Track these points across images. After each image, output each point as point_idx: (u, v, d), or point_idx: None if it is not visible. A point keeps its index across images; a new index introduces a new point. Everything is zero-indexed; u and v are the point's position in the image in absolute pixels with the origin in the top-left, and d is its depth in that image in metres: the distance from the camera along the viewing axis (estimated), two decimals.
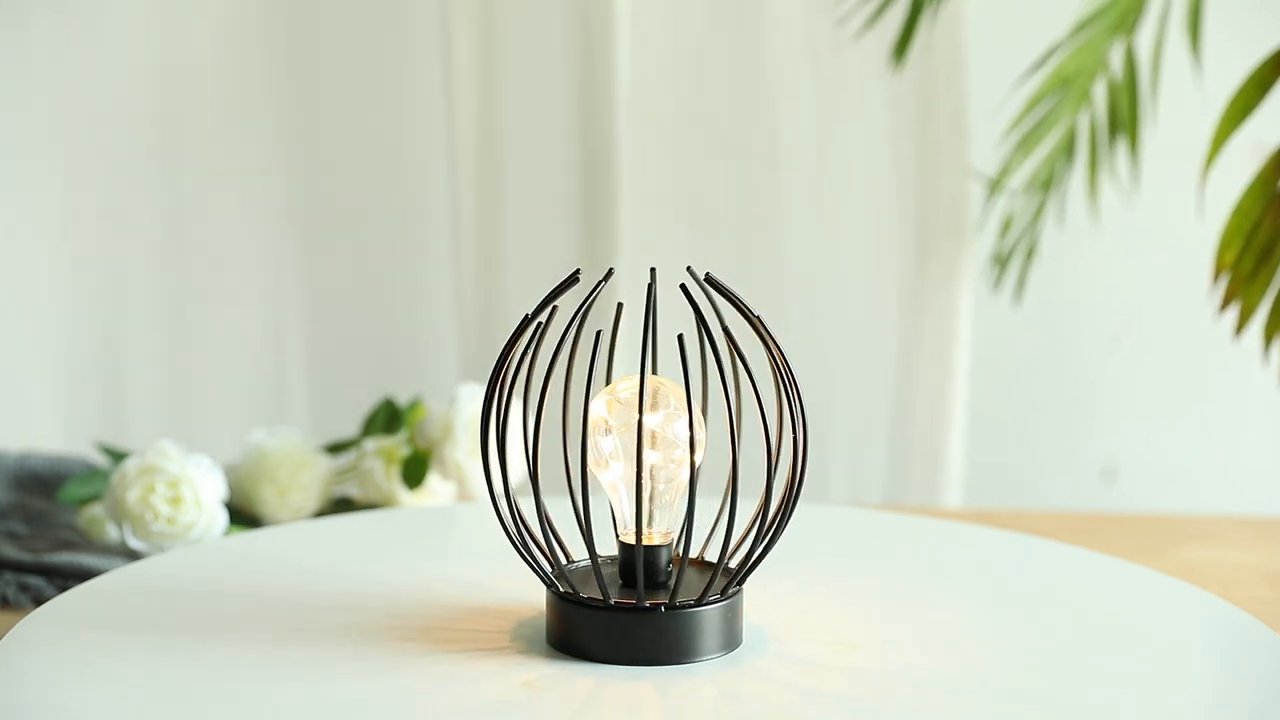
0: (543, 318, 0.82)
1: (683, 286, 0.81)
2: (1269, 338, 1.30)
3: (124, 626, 0.86)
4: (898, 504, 1.85)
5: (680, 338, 0.80)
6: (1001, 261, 1.67)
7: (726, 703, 0.78)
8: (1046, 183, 1.61)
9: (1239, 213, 1.28)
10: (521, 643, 0.84)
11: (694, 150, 1.84)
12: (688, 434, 0.83)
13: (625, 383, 0.84)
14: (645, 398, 0.82)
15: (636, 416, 0.83)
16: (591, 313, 0.81)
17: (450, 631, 0.85)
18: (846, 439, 1.87)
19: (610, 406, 0.85)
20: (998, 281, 1.69)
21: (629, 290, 1.70)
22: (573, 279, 0.81)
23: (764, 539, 0.82)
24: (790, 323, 1.83)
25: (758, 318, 0.81)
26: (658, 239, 1.84)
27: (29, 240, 1.84)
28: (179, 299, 1.89)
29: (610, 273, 0.83)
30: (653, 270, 0.83)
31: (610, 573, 0.86)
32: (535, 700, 0.77)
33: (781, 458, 0.83)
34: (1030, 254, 1.66)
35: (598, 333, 0.81)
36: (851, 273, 1.84)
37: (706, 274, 0.82)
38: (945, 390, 1.82)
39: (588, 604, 0.82)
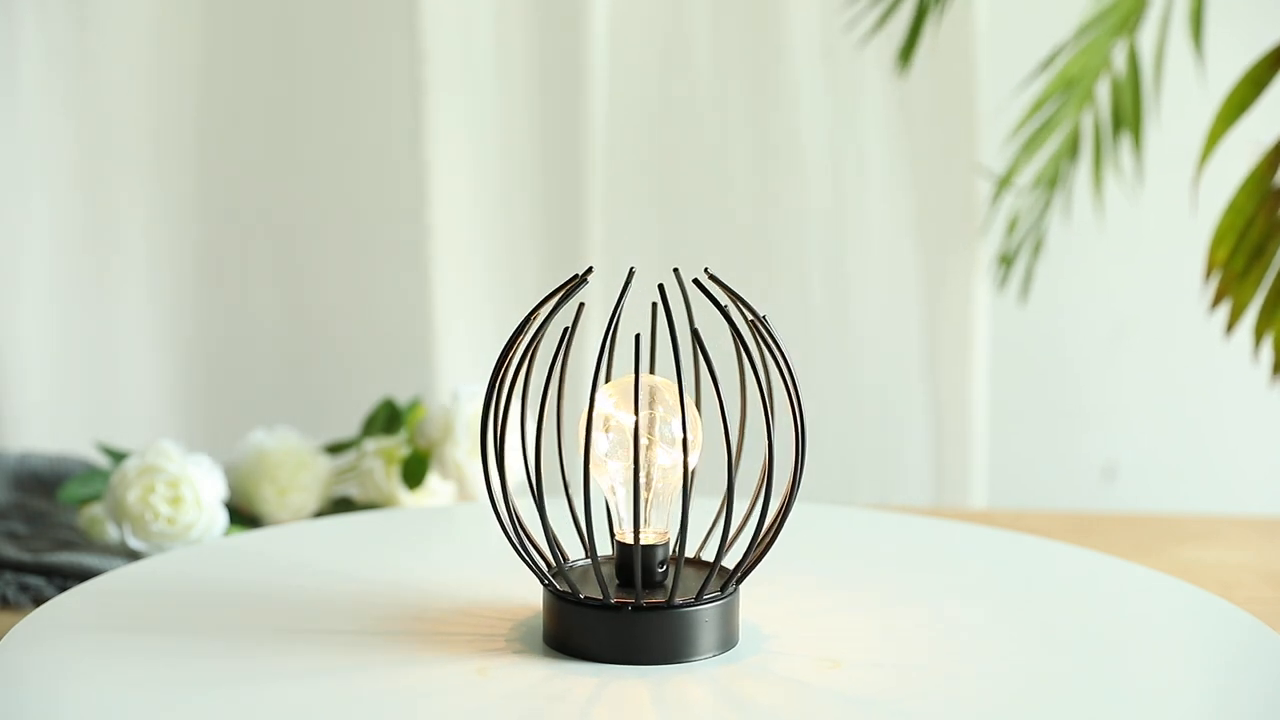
0: (543, 314, 0.82)
1: (660, 287, 0.80)
2: (1259, 336, 1.30)
3: (124, 626, 0.86)
4: (933, 506, 1.84)
5: (637, 337, 0.80)
6: (1008, 260, 1.67)
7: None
8: (1052, 180, 1.61)
9: (1232, 210, 1.28)
10: (516, 640, 0.84)
11: (704, 152, 1.84)
12: (683, 434, 0.83)
13: (625, 381, 0.84)
14: (641, 396, 0.82)
15: (633, 416, 0.83)
16: (587, 313, 0.81)
17: (449, 629, 0.85)
18: (871, 439, 1.86)
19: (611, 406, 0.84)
20: (1004, 280, 1.68)
21: (641, 290, 1.70)
22: (579, 278, 0.81)
23: (726, 530, 0.82)
24: (810, 325, 1.83)
25: (761, 317, 0.81)
26: (672, 240, 1.84)
27: (25, 239, 1.84)
28: (176, 298, 1.88)
29: (632, 272, 0.83)
30: (676, 270, 0.83)
31: (609, 571, 0.86)
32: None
33: (779, 457, 0.83)
34: (1037, 250, 1.65)
35: (565, 329, 0.81)
36: (870, 275, 1.83)
37: (711, 274, 0.82)
38: (964, 390, 1.82)
39: (564, 599, 0.82)
